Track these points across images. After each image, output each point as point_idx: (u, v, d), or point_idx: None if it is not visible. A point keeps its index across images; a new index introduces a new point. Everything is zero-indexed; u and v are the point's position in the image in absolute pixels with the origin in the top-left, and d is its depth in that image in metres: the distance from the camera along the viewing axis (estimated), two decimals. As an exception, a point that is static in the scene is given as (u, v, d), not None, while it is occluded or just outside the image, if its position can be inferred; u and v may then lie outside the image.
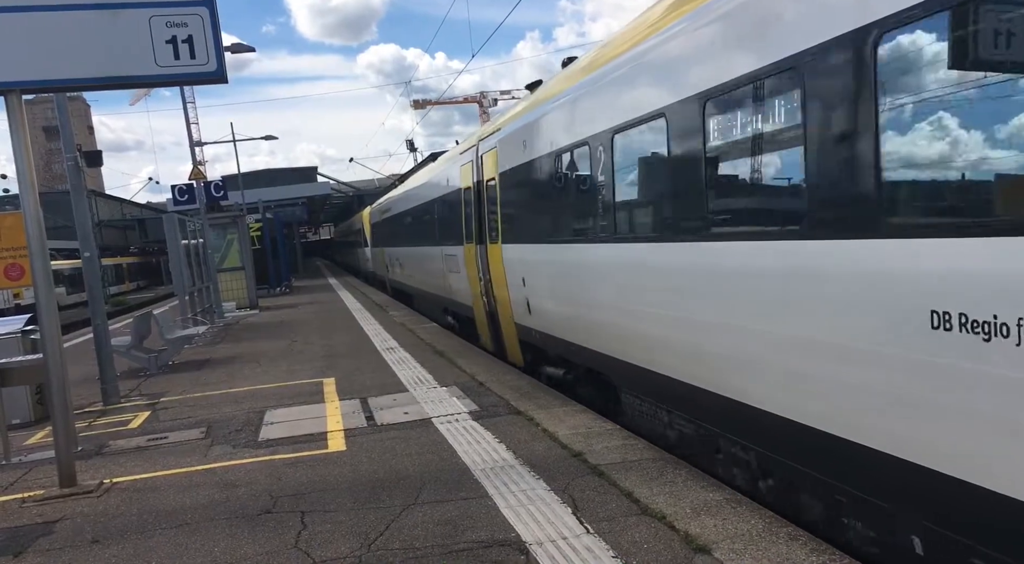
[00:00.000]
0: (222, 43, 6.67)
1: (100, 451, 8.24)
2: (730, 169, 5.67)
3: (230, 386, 11.48)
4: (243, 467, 7.11)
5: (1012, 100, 3.42)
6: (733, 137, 5.50)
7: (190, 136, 26.72)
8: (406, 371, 11.36)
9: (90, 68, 6.49)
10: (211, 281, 22.46)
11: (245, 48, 24.06)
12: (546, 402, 8.61)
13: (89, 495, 6.68)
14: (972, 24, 3.52)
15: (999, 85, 3.49)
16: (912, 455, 3.91)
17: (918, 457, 3.88)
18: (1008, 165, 3.50)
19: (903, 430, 3.98)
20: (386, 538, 5.12)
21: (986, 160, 3.60)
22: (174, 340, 14.48)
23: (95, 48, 6.44)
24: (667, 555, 4.50)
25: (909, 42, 3.85)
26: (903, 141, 3.97)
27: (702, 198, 5.71)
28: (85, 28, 6.42)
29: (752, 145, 5.22)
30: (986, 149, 3.60)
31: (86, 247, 10.82)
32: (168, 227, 18.18)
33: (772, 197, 5.24)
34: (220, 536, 5.43)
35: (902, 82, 3.95)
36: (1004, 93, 3.44)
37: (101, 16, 6.43)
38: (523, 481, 5.98)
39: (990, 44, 3.50)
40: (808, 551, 4.39)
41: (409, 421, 8.28)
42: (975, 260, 3.49)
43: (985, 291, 3.42)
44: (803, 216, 4.62)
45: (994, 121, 3.54)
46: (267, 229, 33.55)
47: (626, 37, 7.46)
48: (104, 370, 10.95)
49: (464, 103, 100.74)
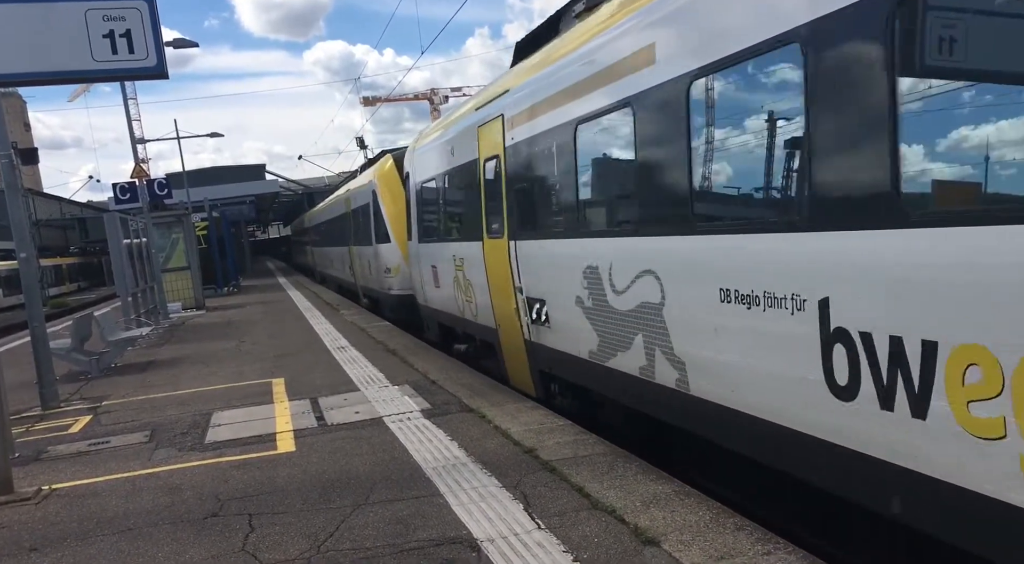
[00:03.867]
0: (162, 38, 6.54)
1: (38, 457, 7.99)
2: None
3: (175, 388, 11.24)
4: (189, 470, 6.97)
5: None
6: None
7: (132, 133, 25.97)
8: (357, 370, 11.26)
9: (23, 62, 6.32)
10: (155, 281, 21.96)
11: (188, 43, 23.54)
12: (499, 399, 8.62)
13: (27, 502, 6.47)
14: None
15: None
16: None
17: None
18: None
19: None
20: (336, 539, 5.07)
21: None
22: (116, 342, 14.12)
23: (28, 42, 6.26)
24: (617, 548, 4.54)
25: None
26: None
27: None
28: (17, 21, 6.23)
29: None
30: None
31: (22, 247, 10.48)
32: (109, 226, 17.70)
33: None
34: (164, 541, 5.31)
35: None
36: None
37: (34, 9, 6.25)
38: (475, 478, 5.98)
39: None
40: (754, 540, 4.48)
41: (360, 420, 8.21)
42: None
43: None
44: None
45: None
46: (213, 228, 32.91)
47: None
48: (42, 373, 10.61)
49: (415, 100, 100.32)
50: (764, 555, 4.29)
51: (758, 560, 4.24)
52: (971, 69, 3.60)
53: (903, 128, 3.64)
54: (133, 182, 22.85)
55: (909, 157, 3.69)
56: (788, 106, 4.48)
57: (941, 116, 3.61)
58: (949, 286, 3.40)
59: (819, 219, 4.11)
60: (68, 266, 65.00)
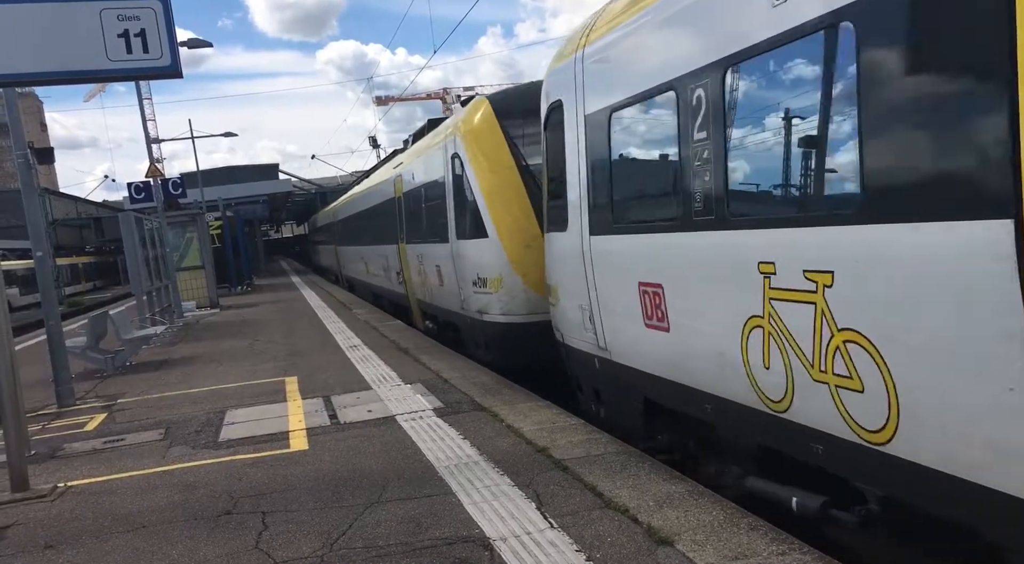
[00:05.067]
0: (176, 37, 6.54)
1: (54, 454, 8.05)
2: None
3: (189, 386, 11.29)
4: (203, 468, 7.00)
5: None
6: None
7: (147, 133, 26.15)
8: (370, 369, 11.27)
9: (39, 62, 6.33)
10: (170, 280, 22.09)
11: (202, 43, 23.70)
12: (511, 398, 8.60)
13: (43, 499, 6.52)
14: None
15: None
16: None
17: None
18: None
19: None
20: (349, 537, 5.07)
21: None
22: (131, 340, 14.21)
23: (44, 42, 6.28)
24: (630, 548, 4.52)
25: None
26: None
27: None
28: (34, 22, 6.26)
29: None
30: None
31: (38, 246, 10.57)
32: (124, 226, 17.82)
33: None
34: (178, 538, 5.33)
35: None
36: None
37: (50, 9, 6.28)
38: (487, 477, 5.97)
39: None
40: (768, 540, 4.45)
41: (372, 419, 8.22)
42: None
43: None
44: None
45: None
46: (227, 227, 33.06)
47: None
48: (58, 372, 10.69)
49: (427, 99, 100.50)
50: (779, 555, 4.26)
51: (773, 560, 4.21)
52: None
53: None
54: (148, 181, 22.98)
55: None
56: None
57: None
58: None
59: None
60: (84, 265, 65.47)
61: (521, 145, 10.50)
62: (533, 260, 9.54)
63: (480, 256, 10.69)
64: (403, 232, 16.03)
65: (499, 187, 10.37)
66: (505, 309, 10.27)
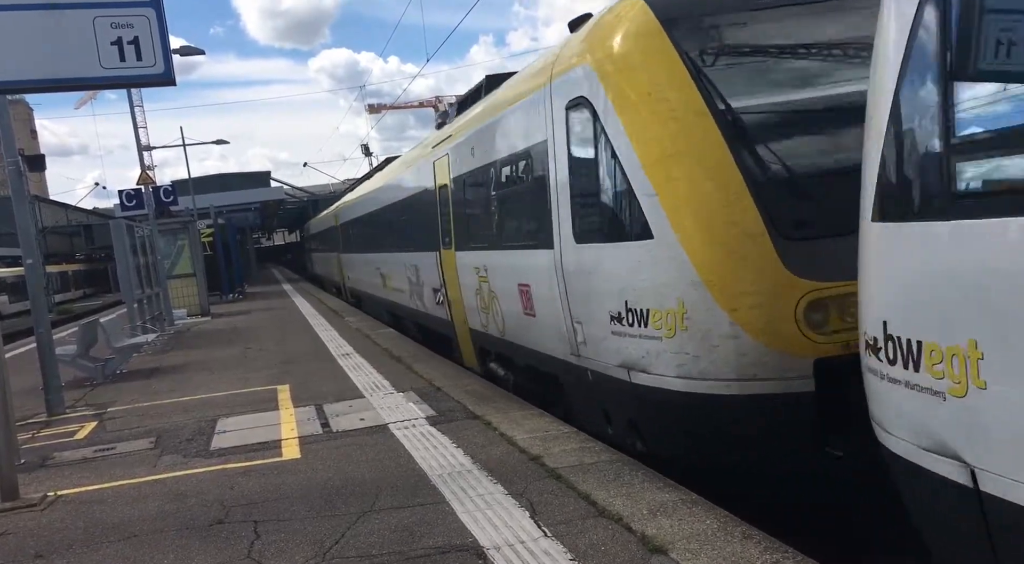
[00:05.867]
0: (169, 45, 6.55)
1: (44, 463, 7.99)
2: None
3: (181, 395, 11.24)
4: (194, 477, 6.96)
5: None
6: None
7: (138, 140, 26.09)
8: (362, 377, 11.25)
9: (32, 69, 6.32)
10: (161, 288, 22.01)
11: (194, 51, 23.65)
12: (504, 406, 8.60)
13: (32, 509, 6.47)
14: None
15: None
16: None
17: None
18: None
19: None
20: (342, 546, 5.05)
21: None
22: (122, 348, 14.15)
23: (37, 49, 6.27)
24: (624, 556, 4.51)
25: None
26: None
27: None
28: (26, 29, 6.24)
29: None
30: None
31: (28, 254, 10.51)
32: (115, 233, 17.77)
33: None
34: (169, 548, 5.30)
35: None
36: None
37: (43, 16, 6.27)
38: (480, 486, 5.96)
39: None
40: (762, 549, 4.45)
41: (365, 427, 8.20)
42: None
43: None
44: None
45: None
46: (219, 235, 32.99)
47: None
48: (48, 380, 10.63)
49: (420, 107, 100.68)
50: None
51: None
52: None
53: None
54: (139, 189, 22.92)
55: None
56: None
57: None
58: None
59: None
60: (74, 273, 65.21)
61: (716, 74, 6.03)
62: (751, 279, 5.42)
63: (635, 271, 6.19)
64: (450, 235, 11.75)
65: (680, 149, 5.87)
66: (688, 368, 5.72)
